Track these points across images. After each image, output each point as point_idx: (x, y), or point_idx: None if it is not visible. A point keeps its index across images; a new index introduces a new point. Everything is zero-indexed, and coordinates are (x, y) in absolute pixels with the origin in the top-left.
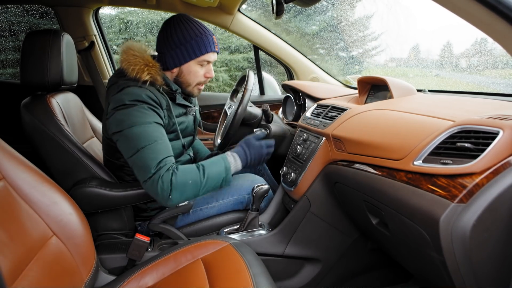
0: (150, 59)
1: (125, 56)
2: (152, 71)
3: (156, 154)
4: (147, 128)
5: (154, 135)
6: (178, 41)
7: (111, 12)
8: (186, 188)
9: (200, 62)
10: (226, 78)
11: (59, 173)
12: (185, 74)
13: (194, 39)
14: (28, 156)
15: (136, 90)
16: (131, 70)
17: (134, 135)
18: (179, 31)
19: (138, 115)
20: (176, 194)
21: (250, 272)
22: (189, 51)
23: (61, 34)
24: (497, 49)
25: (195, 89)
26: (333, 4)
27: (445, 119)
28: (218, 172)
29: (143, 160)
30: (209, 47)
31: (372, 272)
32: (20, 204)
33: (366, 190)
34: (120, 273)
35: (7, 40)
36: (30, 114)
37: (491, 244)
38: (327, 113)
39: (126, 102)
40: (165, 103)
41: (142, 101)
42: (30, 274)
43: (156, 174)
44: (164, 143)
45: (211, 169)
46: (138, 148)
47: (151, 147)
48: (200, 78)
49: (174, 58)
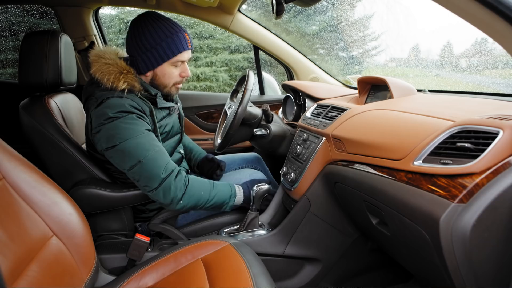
0: (124, 66)
1: (97, 66)
2: (129, 78)
3: (160, 161)
4: (141, 139)
5: (151, 143)
6: (148, 44)
7: (111, 12)
8: (195, 197)
9: (174, 63)
10: (226, 78)
11: (58, 174)
12: (159, 77)
13: (165, 40)
14: (28, 156)
15: (117, 100)
16: (106, 80)
17: (131, 149)
18: (148, 33)
19: (128, 128)
20: (186, 199)
21: (250, 272)
22: (160, 53)
23: (59, 34)
24: (497, 49)
25: (173, 89)
26: (333, 4)
27: (445, 119)
28: (225, 195)
29: (148, 170)
30: (181, 46)
31: (372, 272)
32: (20, 204)
33: (366, 190)
34: (120, 273)
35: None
36: (29, 115)
37: (491, 244)
38: (327, 113)
39: (111, 115)
40: (148, 110)
41: (126, 111)
42: (30, 274)
43: (168, 178)
44: (161, 148)
45: (220, 189)
46: (139, 159)
47: (153, 156)
48: (175, 79)
49: (146, 62)
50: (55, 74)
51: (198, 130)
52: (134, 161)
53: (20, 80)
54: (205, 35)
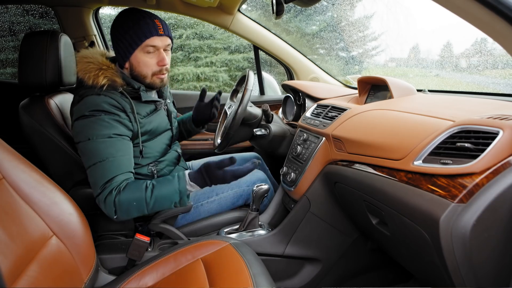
0: (104, 62)
1: (80, 66)
2: (108, 74)
3: (104, 173)
4: (100, 144)
5: (107, 151)
6: (119, 33)
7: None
8: (130, 208)
9: (145, 49)
10: (226, 78)
11: (58, 174)
12: (135, 67)
13: (132, 27)
14: (28, 156)
15: (95, 99)
16: (87, 78)
17: (88, 150)
18: (118, 24)
19: (95, 128)
20: (120, 213)
21: (250, 272)
22: (129, 40)
23: (59, 35)
24: (497, 49)
25: (155, 80)
26: (333, 4)
27: (445, 119)
28: (169, 194)
29: (93, 177)
30: (148, 32)
31: (372, 272)
32: (20, 204)
33: (366, 190)
34: (120, 273)
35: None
36: (29, 115)
37: (491, 244)
38: (327, 113)
39: (86, 113)
40: (129, 106)
41: (101, 110)
42: (30, 274)
43: (101, 194)
44: (117, 160)
45: (160, 190)
46: (90, 164)
47: (101, 165)
48: (153, 67)
49: (120, 53)
50: (55, 74)
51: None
52: (87, 164)
53: (20, 80)
54: (205, 35)
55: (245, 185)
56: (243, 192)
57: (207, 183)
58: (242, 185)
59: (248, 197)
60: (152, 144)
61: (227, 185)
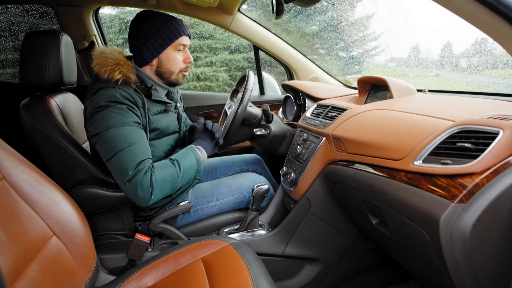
0: (121, 58)
1: (97, 60)
2: (124, 69)
3: (133, 156)
4: (124, 130)
5: (132, 137)
6: (150, 31)
7: (111, 12)
8: (165, 185)
9: (176, 47)
10: (226, 78)
11: (59, 174)
12: (165, 63)
13: (164, 25)
14: (28, 156)
15: (110, 91)
16: (103, 72)
17: (112, 138)
18: (148, 22)
19: (114, 116)
20: (157, 192)
21: (250, 272)
22: (163, 38)
23: (60, 34)
24: (497, 49)
25: (180, 76)
26: (333, 4)
27: (445, 119)
28: (191, 164)
29: (121, 163)
30: (181, 30)
31: (372, 272)
32: (20, 204)
33: (366, 190)
34: (120, 273)
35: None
36: (30, 115)
37: (491, 244)
38: (327, 113)
39: (102, 104)
40: (141, 101)
41: (117, 101)
42: (30, 274)
43: (135, 177)
44: (142, 145)
45: (185, 162)
46: (116, 150)
47: (129, 150)
48: (180, 65)
49: (150, 50)
50: (56, 74)
51: None
52: (112, 152)
53: (21, 80)
54: (205, 35)
55: (246, 191)
56: (244, 198)
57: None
58: (243, 191)
59: (248, 203)
60: (159, 143)
61: (228, 190)
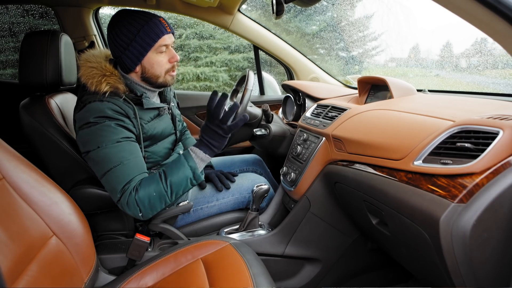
0: (108, 68)
1: (83, 70)
2: (111, 81)
3: (120, 177)
4: (112, 149)
5: (120, 155)
6: (126, 38)
7: (111, 12)
8: (152, 201)
9: (158, 49)
10: (226, 78)
11: (58, 174)
12: (149, 69)
13: (141, 29)
14: (28, 156)
15: (98, 105)
16: (90, 84)
17: (100, 158)
18: (123, 29)
19: (103, 135)
20: (145, 209)
21: (250, 272)
22: (140, 43)
23: (59, 34)
24: (497, 49)
25: (168, 78)
26: (333, 4)
27: (445, 119)
28: (182, 173)
29: (110, 184)
30: (159, 31)
31: (372, 272)
32: (20, 204)
33: (366, 190)
34: (120, 273)
35: (7, 40)
36: (29, 115)
37: (491, 244)
38: (327, 113)
39: (91, 120)
40: (132, 112)
41: (106, 116)
42: (30, 274)
43: (122, 198)
44: (131, 162)
45: (172, 172)
46: (105, 171)
47: (116, 170)
48: (165, 66)
49: (131, 58)
50: (56, 74)
51: (198, 130)
52: (102, 172)
53: (21, 80)
54: (205, 35)
55: (246, 191)
56: (244, 198)
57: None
58: (243, 192)
59: (248, 203)
60: (155, 148)
61: (228, 190)
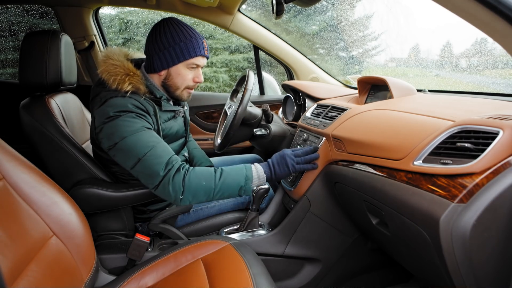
0: (131, 68)
1: (105, 67)
2: (134, 81)
3: (159, 158)
4: (140, 136)
5: (150, 140)
6: (167, 42)
7: (111, 12)
8: (198, 190)
9: (189, 65)
10: (226, 78)
11: (58, 174)
12: (173, 77)
13: (184, 41)
14: (28, 156)
15: (120, 100)
16: (112, 81)
17: (130, 146)
18: (168, 33)
19: (126, 125)
20: (188, 195)
21: (250, 272)
22: (177, 53)
23: (59, 34)
24: (497, 49)
25: (184, 93)
26: (333, 4)
27: (445, 119)
28: (236, 179)
29: (148, 168)
30: (199, 50)
31: (372, 272)
32: (20, 204)
33: (366, 190)
34: (120, 273)
35: (7, 40)
36: (29, 115)
37: (491, 244)
38: (327, 113)
39: (111, 114)
40: (152, 110)
41: (126, 110)
42: (30, 274)
43: (166, 176)
44: (162, 145)
45: (228, 175)
46: (139, 157)
47: (152, 153)
48: (188, 82)
49: (162, 60)
50: (56, 74)
51: (198, 130)
52: (135, 159)
53: (21, 80)
54: (205, 35)
55: None
56: (243, 198)
57: (271, 168)
58: None
59: (248, 203)
60: None
61: None
